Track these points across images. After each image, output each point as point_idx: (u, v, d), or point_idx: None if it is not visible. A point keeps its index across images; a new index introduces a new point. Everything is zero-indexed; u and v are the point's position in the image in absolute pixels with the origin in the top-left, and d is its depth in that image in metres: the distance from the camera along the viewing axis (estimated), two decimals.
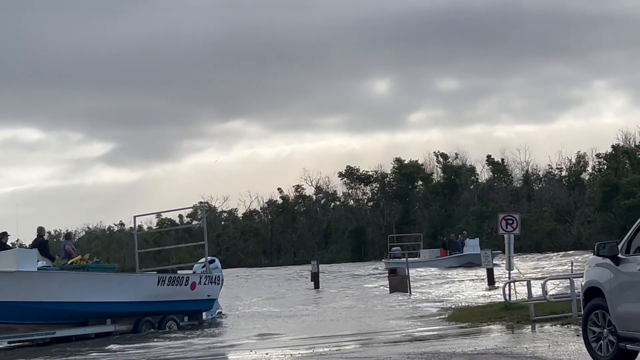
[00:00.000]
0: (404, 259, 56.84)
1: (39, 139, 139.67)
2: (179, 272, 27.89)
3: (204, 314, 26.95)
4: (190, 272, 27.84)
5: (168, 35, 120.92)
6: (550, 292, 21.85)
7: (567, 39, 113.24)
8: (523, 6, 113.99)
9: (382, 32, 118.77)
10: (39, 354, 19.77)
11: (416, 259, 57.59)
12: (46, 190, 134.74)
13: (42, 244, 24.09)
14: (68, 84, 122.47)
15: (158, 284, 24.93)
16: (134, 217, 32.08)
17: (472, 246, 53.37)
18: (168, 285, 25.09)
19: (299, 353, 15.57)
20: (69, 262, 23.88)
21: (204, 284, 26.40)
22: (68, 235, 26.32)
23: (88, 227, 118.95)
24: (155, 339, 21.88)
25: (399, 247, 59.40)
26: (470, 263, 50.44)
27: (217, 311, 27.85)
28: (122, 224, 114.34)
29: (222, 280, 27.76)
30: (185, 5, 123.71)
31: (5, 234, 23.55)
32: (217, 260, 28.98)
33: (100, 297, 22.95)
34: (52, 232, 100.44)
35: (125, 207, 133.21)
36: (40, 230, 24.67)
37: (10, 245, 24.22)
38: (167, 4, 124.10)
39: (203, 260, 28.05)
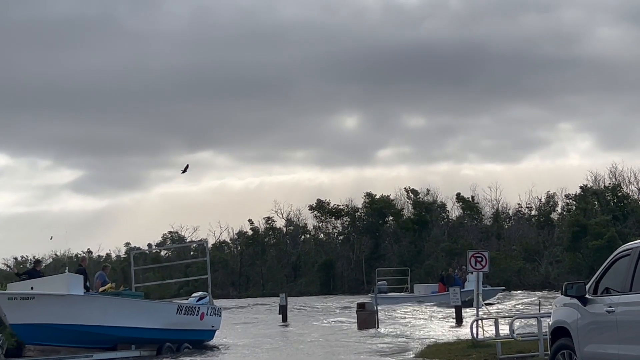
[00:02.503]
0: (395, 294, 56.88)
1: (7, 165, 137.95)
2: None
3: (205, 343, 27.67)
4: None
5: (138, 68, 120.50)
6: (518, 331, 21.87)
7: (533, 81, 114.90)
8: (490, 48, 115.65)
9: (351, 69, 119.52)
10: None
11: (404, 294, 56.93)
12: (13, 216, 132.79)
13: (83, 273, 25.02)
14: (38, 110, 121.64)
15: (177, 313, 25.98)
16: (131, 254, 33.36)
17: (474, 282, 51.78)
18: (184, 314, 26.18)
19: None
20: (101, 289, 24.90)
21: (210, 315, 27.52)
22: (105, 267, 27.64)
23: (55, 254, 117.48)
24: None
25: (384, 282, 59.06)
26: (472, 299, 49.30)
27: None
28: (89, 252, 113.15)
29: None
30: (155, 39, 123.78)
31: (39, 262, 25.18)
32: (209, 296, 29.52)
33: (134, 323, 23.86)
34: (19, 259, 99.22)
35: (93, 235, 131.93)
36: (83, 260, 26.93)
37: None
38: (137, 38, 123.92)
39: (196, 294, 29.38)
